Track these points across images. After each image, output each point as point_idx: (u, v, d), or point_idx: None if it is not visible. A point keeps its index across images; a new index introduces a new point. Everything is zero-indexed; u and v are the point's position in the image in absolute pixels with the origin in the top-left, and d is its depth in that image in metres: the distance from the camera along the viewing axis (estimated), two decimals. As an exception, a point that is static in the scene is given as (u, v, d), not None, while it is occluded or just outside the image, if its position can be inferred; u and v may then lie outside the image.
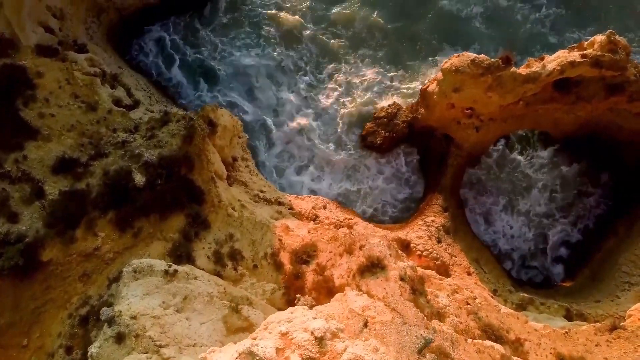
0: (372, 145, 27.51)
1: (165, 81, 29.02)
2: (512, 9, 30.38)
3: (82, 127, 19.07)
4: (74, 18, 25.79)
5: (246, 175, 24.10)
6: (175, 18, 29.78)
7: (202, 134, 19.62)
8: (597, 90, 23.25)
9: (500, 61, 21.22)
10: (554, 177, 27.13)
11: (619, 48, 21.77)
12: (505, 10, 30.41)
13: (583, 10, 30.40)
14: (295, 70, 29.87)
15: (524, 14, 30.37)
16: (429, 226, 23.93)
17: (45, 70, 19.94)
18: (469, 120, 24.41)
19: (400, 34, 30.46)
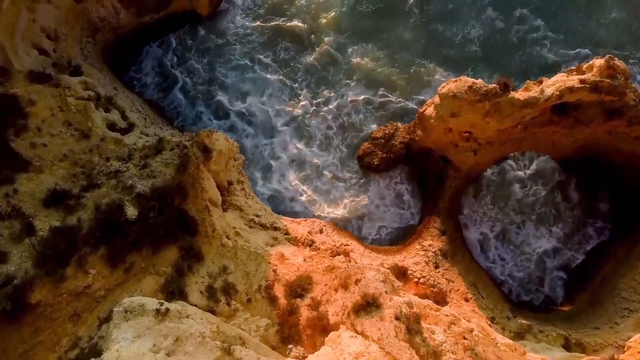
0: (369, 166, 27.29)
1: (161, 100, 28.82)
2: (508, 31, 30.16)
3: (75, 156, 18.84)
4: (69, 38, 25.59)
5: (241, 199, 23.86)
6: (171, 37, 29.56)
7: (196, 162, 19.39)
8: (596, 114, 23.06)
9: (498, 88, 21.00)
10: (552, 200, 26.90)
11: (618, 73, 21.56)
12: (501, 32, 30.17)
13: (579, 31, 30.18)
14: (290, 93, 29.58)
15: (520, 36, 30.13)
16: (426, 251, 23.70)
17: (38, 97, 19.72)
18: (466, 143, 24.19)
19: (395, 56, 30.18)
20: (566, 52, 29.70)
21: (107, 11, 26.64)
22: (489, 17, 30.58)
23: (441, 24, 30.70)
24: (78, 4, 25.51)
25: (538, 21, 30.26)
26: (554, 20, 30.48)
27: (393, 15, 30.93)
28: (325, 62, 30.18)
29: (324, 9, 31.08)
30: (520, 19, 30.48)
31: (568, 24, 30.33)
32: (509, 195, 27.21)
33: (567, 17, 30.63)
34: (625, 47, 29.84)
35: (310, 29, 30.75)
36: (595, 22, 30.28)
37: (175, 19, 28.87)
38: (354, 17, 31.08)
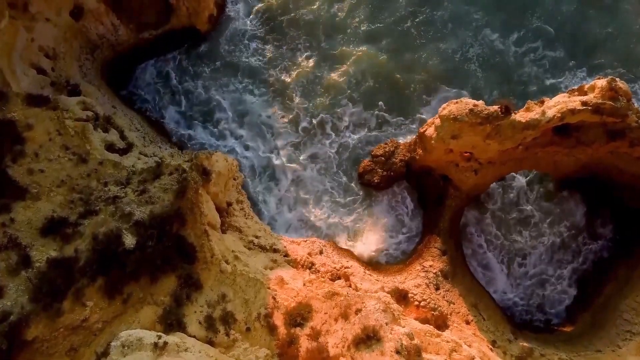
0: (369, 184, 27.13)
1: (160, 117, 28.66)
2: (506, 51, 29.99)
3: (72, 181, 18.66)
4: (67, 56, 25.43)
5: (241, 219, 23.71)
6: (171, 53, 29.40)
7: (195, 187, 19.23)
8: (598, 135, 22.89)
9: (499, 110, 20.84)
10: (554, 222, 26.76)
11: (620, 95, 21.39)
12: (501, 52, 29.99)
13: (578, 52, 30.02)
14: (290, 113, 29.39)
15: (519, 56, 29.96)
16: (427, 272, 23.54)
17: (35, 121, 19.55)
18: (467, 163, 24.03)
19: (394, 75, 29.97)
20: (565, 71, 29.51)
21: (106, 28, 26.49)
22: (487, 37, 30.40)
23: (441, 43, 30.46)
24: (77, 22, 25.37)
25: (538, 42, 30.07)
26: (552, 40, 30.23)
27: (391, 34, 30.69)
28: (324, 83, 29.88)
29: (323, 29, 30.80)
30: (519, 39, 30.27)
31: (567, 45, 30.09)
32: (512, 215, 27.05)
33: (566, 37, 30.41)
34: (626, 65, 29.66)
35: (311, 49, 30.48)
36: (594, 42, 30.06)
37: (175, 35, 28.67)
38: (355, 37, 30.82)
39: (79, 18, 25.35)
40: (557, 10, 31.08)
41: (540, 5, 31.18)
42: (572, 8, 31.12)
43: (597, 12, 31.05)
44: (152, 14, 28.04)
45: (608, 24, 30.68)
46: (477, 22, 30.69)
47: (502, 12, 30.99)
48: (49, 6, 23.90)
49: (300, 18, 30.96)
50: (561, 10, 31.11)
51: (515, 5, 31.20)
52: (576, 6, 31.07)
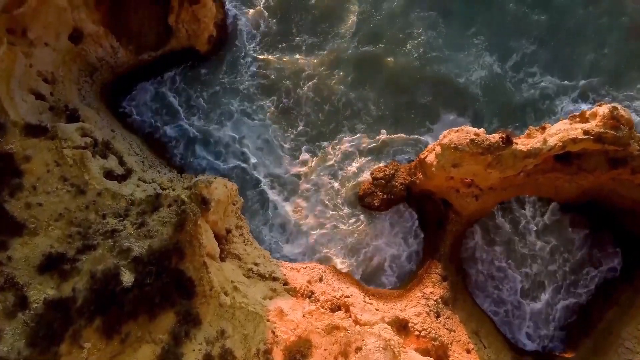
0: (369, 206, 27.00)
1: (160, 138, 28.54)
2: (505, 76, 29.83)
3: (71, 214, 18.52)
4: (66, 80, 25.33)
5: (240, 246, 23.56)
6: (170, 74, 29.28)
7: (194, 219, 19.09)
8: (600, 162, 22.77)
9: (500, 141, 20.70)
10: (556, 246, 26.63)
11: (622, 124, 21.26)
12: (499, 76, 29.83)
13: (573, 74, 29.89)
14: (291, 138, 29.24)
15: (516, 81, 29.79)
16: (427, 299, 23.39)
17: (33, 153, 19.42)
18: (468, 189, 23.91)
19: (396, 98, 29.81)
20: (562, 95, 29.36)
21: (105, 51, 26.39)
22: (487, 62, 30.26)
23: (441, 66, 30.29)
24: (76, 46, 25.27)
25: (534, 67, 29.91)
26: (549, 65, 30.09)
27: (392, 56, 30.52)
28: (325, 108, 29.69)
29: (324, 52, 30.64)
30: (516, 64, 30.12)
31: (564, 71, 29.91)
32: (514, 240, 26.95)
33: (563, 59, 30.24)
34: (615, 85, 29.51)
35: (311, 74, 30.31)
36: (591, 66, 29.91)
37: (174, 56, 28.56)
38: (355, 58, 30.67)
39: (78, 42, 25.27)
40: (553, 33, 30.80)
41: (536, 29, 30.91)
42: (568, 30, 30.86)
43: (592, 32, 30.77)
44: (152, 36, 27.93)
45: (603, 45, 30.43)
46: (476, 46, 30.49)
47: (499, 36, 30.75)
48: (47, 31, 23.81)
49: (305, 41, 30.71)
50: (557, 33, 30.82)
51: (511, 29, 30.93)
52: (571, 28, 30.81)
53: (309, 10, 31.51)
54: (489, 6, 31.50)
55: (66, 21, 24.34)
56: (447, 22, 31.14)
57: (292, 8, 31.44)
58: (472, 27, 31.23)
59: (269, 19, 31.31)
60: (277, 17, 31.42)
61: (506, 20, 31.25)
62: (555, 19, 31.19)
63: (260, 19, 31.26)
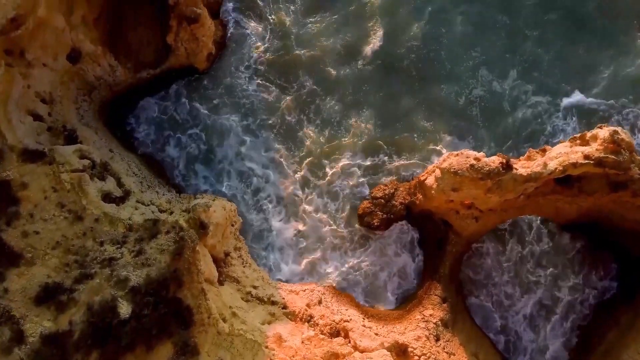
0: (369, 226, 26.87)
1: (159, 156, 28.41)
2: (502, 93, 29.63)
3: (68, 242, 18.44)
4: (64, 100, 25.18)
5: (238, 268, 23.45)
6: (169, 91, 29.07)
7: (192, 246, 19.01)
8: (600, 185, 22.70)
9: (500, 167, 20.60)
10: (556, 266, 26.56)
11: (623, 148, 21.17)
12: (497, 94, 29.63)
13: (571, 92, 29.76)
14: (292, 156, 29.07)
15: (513, 99, 29.59)
16: (427, 322, 23.27)
17: (30, 179, 19.35)
18: (468, 211, 23.82)
19: (395, 120, 29.62)
20: (558, 112, 29.29)
21: (103, 70, 26.24)
22: (484, 77, 30.11)
23: (441, 84, 30.12)
24: (74, 65, 25.13)
25: (528, 86, 29.70)
26: (545, 81, 29.93)
27: (390, 75, 30.36)
28: (325, 125, 29.55)
29: (323, 76, 30.49)
30: (512, 80, 29.92)
31: (560, 82, 29.81)
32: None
33: (558, 74, 30.13)
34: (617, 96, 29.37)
35: (314, 92, 30.15)
36: (591, 81, 29.85)
37: (173, 73, 28.44)
38: (355, 76, 30.55)
39: (76, 61, 25.09)
40: (548, 48, 30.62)
41: (531, 44, 30.73)
42: (562, 45, 30.67)
43: (586, 49, 30.63)
44: (150, 54, 27.78)
45: (599, 60, 30.29)
46: (472, 60, 30.35)
47: (495, 51, 30.58)
48: (45, 52, 23.66)
49: (305, 59, 30.55)
50: (552, 47, 30.65)
51: (506, 43, 30.73)
52: (565, 43, 30.64)
53: (305, 26, 31.27)
54: (484, 19, 31.30)
55: (64, 41, 24.21)
56: (448, 36, 30.99)
57: (297, 23, 31.16)
58: (470, 40, 31.06)
59: (272, 33, 31.09)
60: (280, 32, 31.19)
61: (501, 34, 31.06)
62: (551, 33, 30.98)
63: (263, 34, 30.98)
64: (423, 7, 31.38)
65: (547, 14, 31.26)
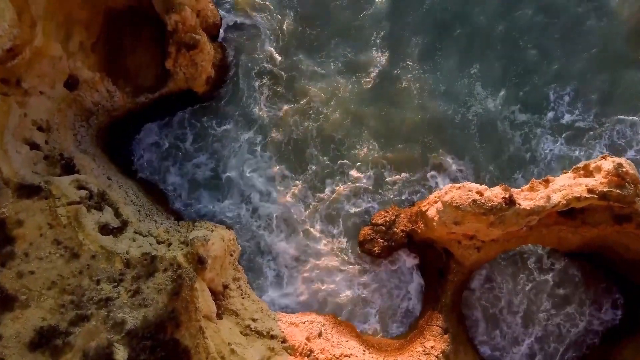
0: (369, 253, 26.60)
1: (158, 181, 28.16)
2: (497, 113, 29.45)
3: (64, 282, 18.09)
4: (61, 127, 24.91)
5: (237, 300, 23.13)
6: (168, 116, 28.85)
7: (190, 284, 18.69)
8: (604, 218, 22.44)
9: (503, 202, 20.29)
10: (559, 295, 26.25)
11: (627, 182, 20.86)
12: (492, 113, 29.41)
13: (567, 112, 29.67)
14: (295, 178, 28.84)
15: (508, 121, 29.46)
16: (429, 355, 23.00)
17: (26, 216, 19.03)
18: (470, 241, 23.53)
19: (396, 135, 29.43)
20: (553, 134, 29.26)
21: (101, 95, 25.96)
22: (479, 94, 29.86)
23: (439, 102, 29.85)
24: (71, 92, 24.86)
25: (520, 104, 29.68)
26: (536, 103, 29.84)
27: (390, 92, 30.10)
28: (327, 150, 29.30)
29: (323, 97, 30.24)
30: (506, 99, 29.74)
31: (554, 101, 29.77)
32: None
33: (551, 92, 30.07)
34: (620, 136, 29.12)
35: (316, 112, 29.87)
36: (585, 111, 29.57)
37: (172, 97, 28.13)
38: (354, 99, 30.30)
39: (74, 88, 24.85)
40: (541, 65, 30.50)
41: (526, 57, 30.64)
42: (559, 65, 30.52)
43: (580, 64, 30.48)
44: (149, 78, 27.51)
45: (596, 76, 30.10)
46: (468, 76, 30.03)
47: (491, 65, 30.41)
48: (42, 80, 23.37)
49: (305, 84, 30.30)
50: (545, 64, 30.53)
51: (503, 60, 30.59)
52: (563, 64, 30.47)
53: (305, 44, 31.02)
54: (479, 33, 31.10)
55: (61, 69, 23.93)
56: (443, 52, 30.71)
57: (297, 41, 30.92)
58: (467, 56, 30.77)
59: (273, 53, 30.81)
60: (283, 51, 30.93)
61: (497, 48, 30.82)
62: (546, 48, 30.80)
63: (264, 54, 30.71)
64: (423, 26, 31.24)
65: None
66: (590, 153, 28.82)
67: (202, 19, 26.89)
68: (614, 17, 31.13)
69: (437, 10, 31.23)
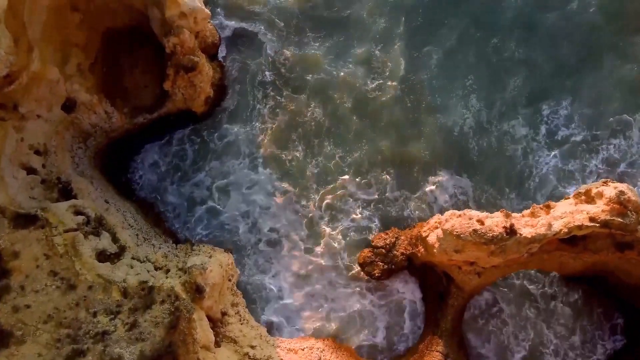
0: (370, 275, 26.39)
1: (157, 201, 27.98)
2: (491, 129, 29.39)
3: (60, 315, 17.93)
4: (59, 149, 24.71)
5: (236, 327, 22.94)
6: (167, 135, 28.68)
7: (188, 316, 18.55)
8: (606, 245, 22.24)
9: (504, 232, 20.10)
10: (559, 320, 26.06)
11: (630, 210, 20.65)
12: (487, 130, 29.36)
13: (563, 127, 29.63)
14: (296, 194, 28.67)
15: (505, 134, 29.40)
16: (428, 383, 22.78)
17: (22, 247, 18.86)
18: (470, 267, 23.32)
19: (394, 150, 29.33)
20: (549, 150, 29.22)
21: (99, 117, 25.76)
22: (475, 107, 29.73)
23: (436, 115, 29.69)
24: (69, 115, 24.69)
25: (518, 120, 29.57)
26: (533, 117, 29.76)
27: (386, 107, 29.93)
28: (328, 167, 29.17)
29: (325, 111, 30.07)
30: (501, 113, 29.63)
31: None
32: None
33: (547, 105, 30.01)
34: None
35: (317, 129, 29.74)
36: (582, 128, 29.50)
37: (171, 118, 27.96)
38: (353, 115, 30.16)
39: (71, 111, 24.69)
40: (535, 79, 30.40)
41: (522, 69, 30.56)
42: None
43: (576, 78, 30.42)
44: (148, 97, 27.35)
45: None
46: (463, 88, 29.98)
47: (486, 77, 30.27)
48: (39, 104, 23.23)
49: (307, 95, 30.12)
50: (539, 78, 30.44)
51: (497, 73, 30.50)
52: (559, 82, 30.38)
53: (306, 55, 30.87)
54: (474, 41, 31.05)
55: (59, 92, 23.79)
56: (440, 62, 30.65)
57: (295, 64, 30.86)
58: (463, 67, 30.65)
59: (271, 71, 30.72)
60: (281, 67, 30.80)
61: (492, 60, 30.70)
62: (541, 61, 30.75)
63: (263, 73, 30.59)
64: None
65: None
66: (585, 166, 28.74)
67: (200, 39, 26.74)
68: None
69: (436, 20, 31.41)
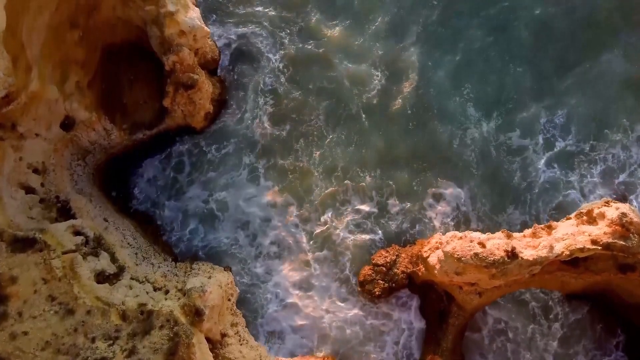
0: (370, 294, 26.26)
1: (158, 217, 27.88)
2: (493, 139, 29.25)
3: (58, 341, 17.76)
4: (57, 167, 24.60)
5: (235, 348, 22.78)
6: (167, 151, 28.56)
7: (187, 342, 18.40)
8: (608, 266, 22.13)
9: (505, 256, 19.98)
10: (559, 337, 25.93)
11: (632, 232, 20.55)
12: (486, 140, 29.17)
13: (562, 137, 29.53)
14: (295, 209, 28.51)
15: (502, 147, 29.28)
16: (429, 404, 22.65)
17: (20, 271, 18.68)
18: (471, 287, 23.19)
19: (394, 161, 29.20)
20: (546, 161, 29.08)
21: (98, 134, 25.66)
22: (473, 116, 29.60)
23: (435, 125, 29.59)
24: (67, 133, 24.57)
25: (516, 131, 29.39)
26: (532, 127, 29.62)
27: (387, 118, 29.87)
28: (329, 178, 29.03)
29: (323, 125, 29.99)
30: (498, 124, 29.52)
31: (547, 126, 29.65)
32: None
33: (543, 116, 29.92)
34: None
35: (318, 143, 29.58)
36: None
37: (170, 134, 27.87)
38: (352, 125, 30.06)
39: (70, 129, 24.56)
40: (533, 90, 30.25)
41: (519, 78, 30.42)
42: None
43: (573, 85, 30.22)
44: (147, 113, 27.22)
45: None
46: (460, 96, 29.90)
47: (484, 86, 30.19)
48: (38, 123, 23.11)
49: (310, 102, 30.07)
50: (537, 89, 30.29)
51: (494, 82, 30.37)
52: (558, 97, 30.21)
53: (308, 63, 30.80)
54: (472, 50, 30.98)
55: (58, 111, 23.68)
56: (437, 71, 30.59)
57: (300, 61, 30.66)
58: (460, 76, 30.58)
59: (272, 85, 30.59)
60: (282, 81, 30.66)
61: (488, 69, 30.60)
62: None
63: (263, 88, 30.45)
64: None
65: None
66: (584, 176, 28.57)
67: (200, 56, 26.61)
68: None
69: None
